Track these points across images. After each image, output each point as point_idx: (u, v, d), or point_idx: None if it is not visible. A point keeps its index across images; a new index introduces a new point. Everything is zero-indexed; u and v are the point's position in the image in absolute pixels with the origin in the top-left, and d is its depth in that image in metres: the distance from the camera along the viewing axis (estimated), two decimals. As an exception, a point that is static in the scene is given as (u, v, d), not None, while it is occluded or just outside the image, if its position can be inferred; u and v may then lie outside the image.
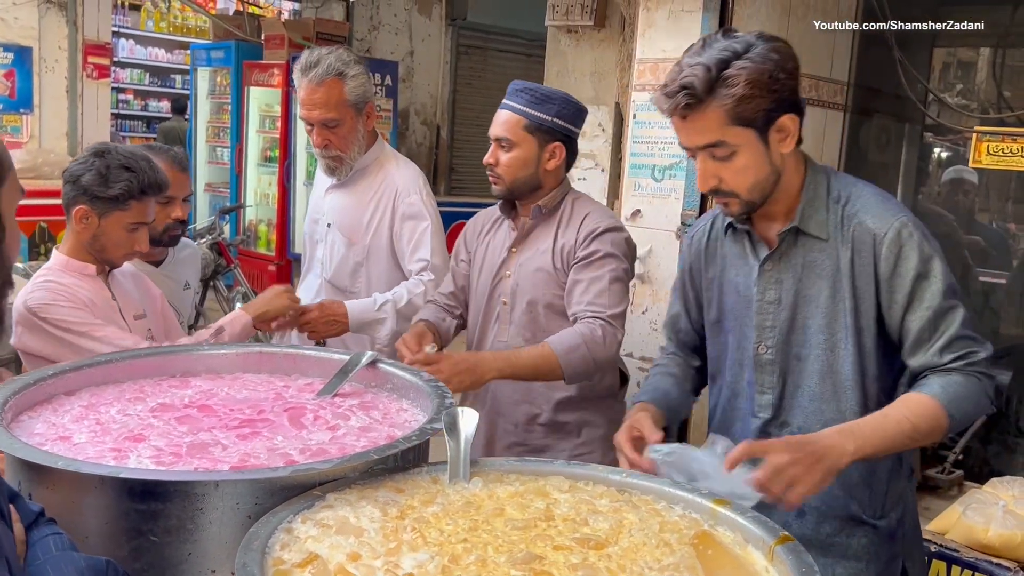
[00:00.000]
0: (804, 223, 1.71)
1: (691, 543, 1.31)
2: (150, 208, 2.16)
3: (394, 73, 8.44)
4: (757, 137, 1.63)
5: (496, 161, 2.36)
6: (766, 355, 1.78)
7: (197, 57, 9.40)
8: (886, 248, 1.65)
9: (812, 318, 1.73)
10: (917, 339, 1.65)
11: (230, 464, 1.51)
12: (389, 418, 1.80)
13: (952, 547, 2.54)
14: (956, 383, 1.61)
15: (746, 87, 1.57)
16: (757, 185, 1.67)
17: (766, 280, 1.76)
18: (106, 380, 1.89)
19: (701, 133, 1.62)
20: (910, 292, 1.64)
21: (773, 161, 1.66)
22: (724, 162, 1.64)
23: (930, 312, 1.63)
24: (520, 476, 1.54)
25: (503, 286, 2.41)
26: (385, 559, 1.23)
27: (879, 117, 4.13)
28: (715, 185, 1.68)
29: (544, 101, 2.29)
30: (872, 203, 1.70)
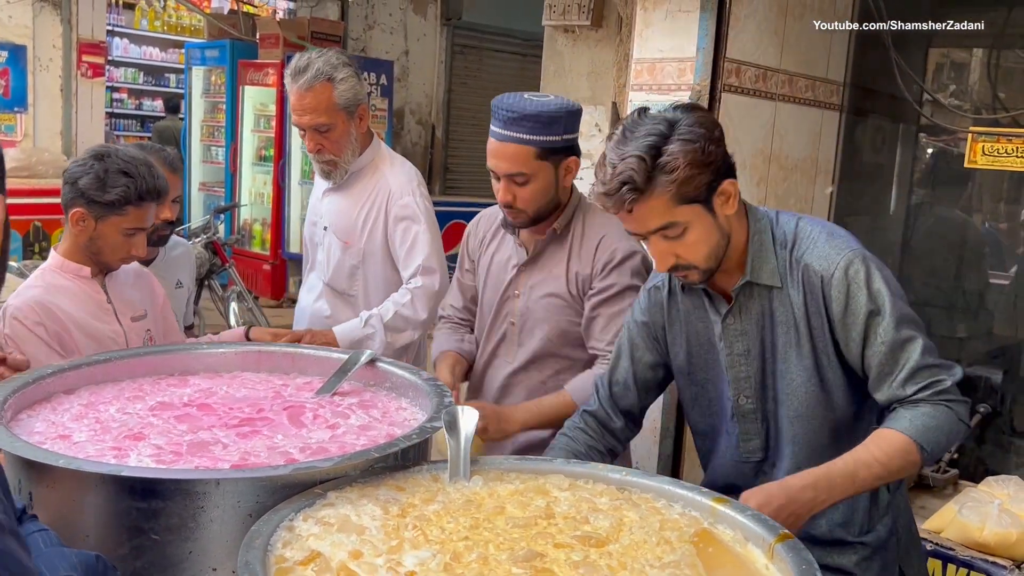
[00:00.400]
0: (755, 275, 1.72)
1: (691, 541, 1.32)
2: (148, 214, 2.14)
3: (389, 73, 8.44)
4: (704, 210, 1.64)
5: (514, 198, 2.14)
6: (747, 405, 1.79)
7: (192, 56, 9.38)
8: (834, 289, 1.66)
9: (781, 363, 1.74)
10: (879, 373, 1.66)
11: (231, 463, 1.51)
12: (388, 416, 1.81)
13: (948, 546, 2.54)
14: (924, 415, 1.61)
15: (685, 169, 1.58)
16: (712, 253, 1.68)
17: (731, 334, 1.77)
18: (105, 379, 1.89)
19: (649, 220, 1.63)
20: (864, 329, 1.65)
21: (721, 227, 1.68)
22: (677, 240, 1.65)
23: (885, 347, 1.64)
24: (520, 474, 1.54)
25: (510, 306, 2.30)
26: (387, 557, 1.23)
27: (875, 117, 4.14)
28: (673, 263, 1.69)
29: (551, 123, 2.10)
30: (817, 243, 1.70)
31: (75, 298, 2.16)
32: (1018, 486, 2.67)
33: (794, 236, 1.72)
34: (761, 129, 3.45)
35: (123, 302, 2.24)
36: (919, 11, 3.51)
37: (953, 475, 3.00)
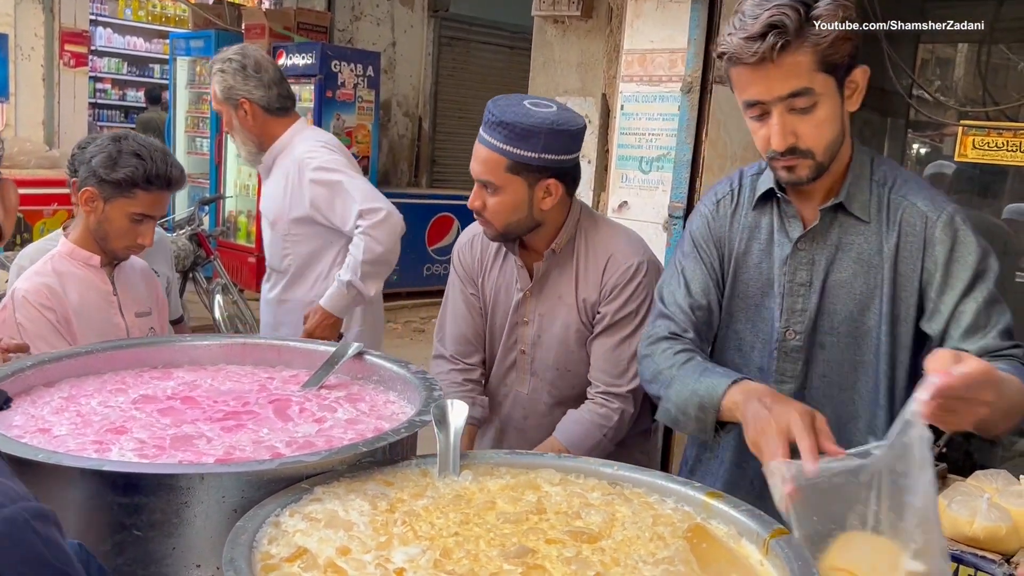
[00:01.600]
0: (849, 201, 1.60)
1: (685, 536, 1.30)
2: (158, 201, 2.13)
3: (376, 64, 8.38)
4: (837, 89, 1.50)
5: (483, 205, 2.03)
6: (794, 341, 1.66)
7: (176, 46, 9.30)
8: (939, 231, 1.56)
9: (841, 303, 1.62)
10: (971, 324, 1.54)
11: (215, 457, 1.48)
12: (376, 410, 1.78)
13: (937, 539, 2.54)
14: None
15: (842, 26, 1.45)
16: (832, 144, 1.53)
17: (798, 260, 1.64)
18: (87, 371, 1.85)
19: (787, 79, 1.46)
20: (971, 278, 1.55)
21: (844, 120, 1.54)
22: (803, 115, 1.49)
23: (985, 301, 1.55)
24: (511, 469, 1.52)
25: (520, 333, 2.17)
26: (376, 553, 1.20)
27: (865, 111, 4.14)
28: (792, 143, 1.51)
29: (526, 136, 1.91)
30: (921, 187, 1.61)
31: (81, 286, 2.16)
32: (1007, 480, 2.66)
33: (895, 178, 1.61)
34: (751, 121, 3.44)
35: (129, 296, 2.23)
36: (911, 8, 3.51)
37: (942, 469, 2.99)
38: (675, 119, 3.06)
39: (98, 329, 2.12)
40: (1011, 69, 4.42)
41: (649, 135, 3.18)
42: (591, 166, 3.46)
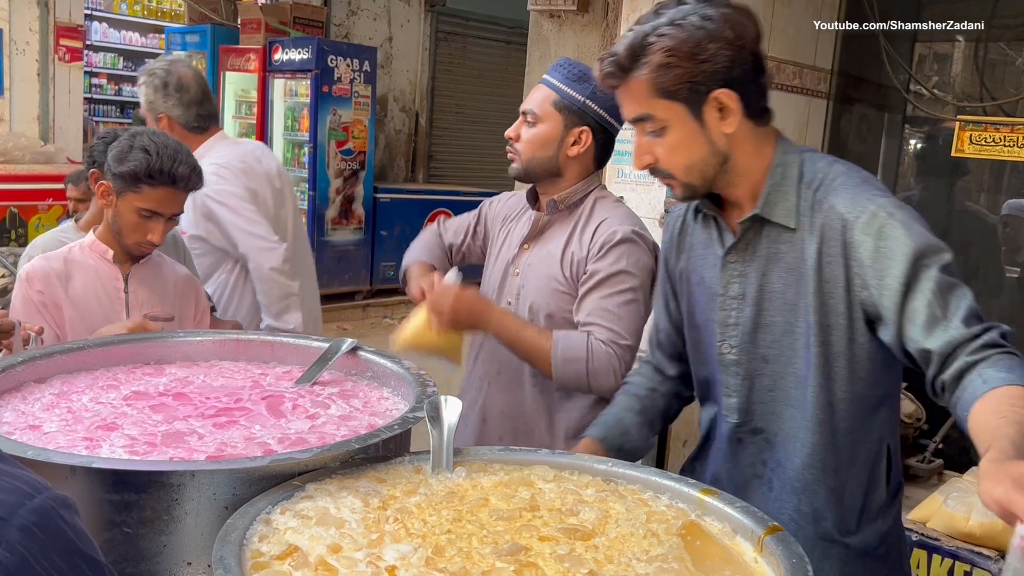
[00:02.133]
0: (768, 210, 1.56)
1: (679, 534, 1.29)
2: (166, 199, 2.12)
3: (372, 59, 8.36)
4: (687, 113, 1.50)
5: (517, 136, 2.16)
6: (730, 355, 1.64)
7: (172, 41, 9.27)
8: (858, 232, 1.47)
9: (778, 315, 1.58)
10: (928, 318, 1.41)
11: (206, 454, 1.47)
12: (370, 407, 1.77)
13: (933, 536, 2.54)
14: (1016, 365, 1.34)
15: (662, 55, 1.46)
16: (694, 166, 1.55)
17: (729, 273, 1.62)
18: (78, 368, 1.84)
19: (630, 105, 1.54)
20: (907, 271, 1.43)
21: (713, 141, 1.53)
22: (656, 138, 1.54)
23: (936, 288, 1.41)
24: (504, 465, 1.51)
25: (510, 284, 2.24)
26: (367, 551, 1.19)
27: (862, 106, 4.13)
28: (649, 162, 1.57)
29: (580, 79, 2.10)
30: (847, 185, 1.52)
31: (90, 277, 2.20)
32: (1003, 476, 2.66)
33: (823, 177, 1.54)
34: (748, 116, 3.43)
35: (143, 297, 2.23)
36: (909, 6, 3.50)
37: (938, 465, 3.00)
38: (671, 114, 3.05)
39: (94, 322, 2.12)
40: (1008, 65, 4.42)
41: (645, 130, 3.15)
42: (587, 161, 3.44)
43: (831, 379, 1.56)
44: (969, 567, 2.47)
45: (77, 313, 2.11)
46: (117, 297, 2.20)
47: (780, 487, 1.65)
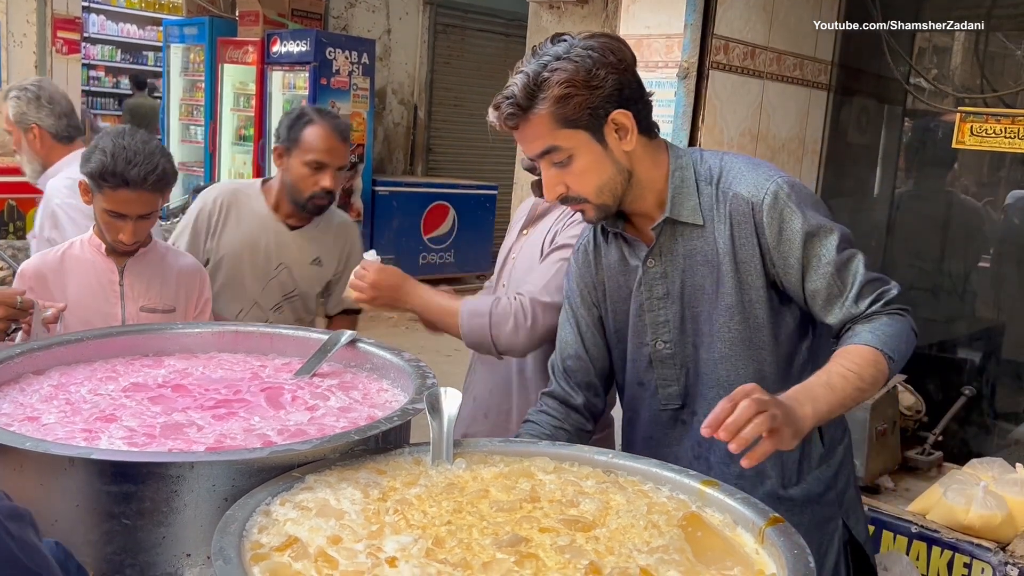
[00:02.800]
0: (676, 211, 1.66)
1: (679, 525, 1.29)
2: (128, 201, 2.09)
3: (371, 51, 8.33)
4: (591, 138, 1.59)
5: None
6: (665, 350, 1.74)
7: (170, 33, 9.24)
8: (766, 215, 1.61)
9: (701, 306, 1.69)
10: (828, 296, 1.61)
11: (206, 445, 1.46)
12: (369, 398, 1.77)
13: (932, 528, 2.54)
14: (884, 324, 1.57)
15: (561, 87, 1.54)
16: (604, 187, 1.63)
17: (651, 277, 1.71)
18: (77, 359, 1.84)
19: (534, 140, 1.60)
20: (803, 254, 1.60)
21: (617, 160, 1.62)
22: (564, 168, 1.61)
23: (831, 267, 1.59)
24: (504, 457, 1.50)
25: (507, 269, 2.27)
26: (367, 542, 1.19)
27: (862, 97, 4.12)
28: (562, 192, 1.64)
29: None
30: (744, 172, 1.65)
31: (85, 271, 2.21)
32: (1003, 468, 2.66)
33: (719, 170, 1.67)
34: (748, 108, 3.42)
35: (139, 289, 2.22)
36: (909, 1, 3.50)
37: (937, 457, 2.99)
38: (671, 105, 3.04)
39: (90, 316, 2.12)
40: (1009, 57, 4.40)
41: (644, 121, 3.14)
42: (587, 153, 3.43)
43: (757, 348, 1.68)
44: (968, 559, 2.47)
45: (72, 308, 2.10)
46: (112, 290, 2.19)
47: (718, 461, 1.73)
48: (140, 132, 2.17)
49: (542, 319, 2.01)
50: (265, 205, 2.67)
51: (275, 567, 1.11)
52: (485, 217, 9.44)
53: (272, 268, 2.65)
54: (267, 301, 2.67)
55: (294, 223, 2.67)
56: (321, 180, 2.56)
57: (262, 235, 2.65)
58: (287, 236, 2.67)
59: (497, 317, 2.01)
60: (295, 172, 2.58)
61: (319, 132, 2.56)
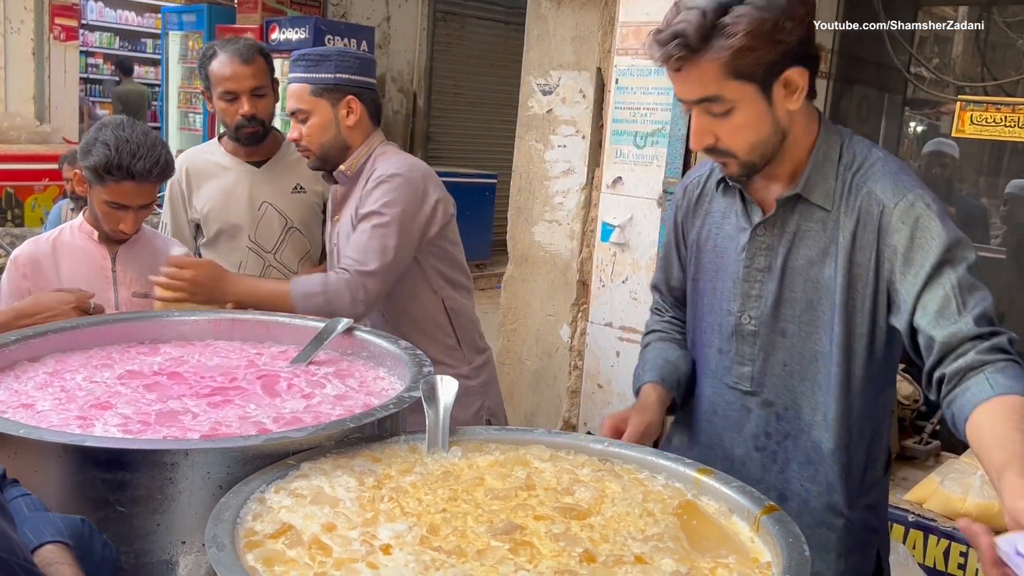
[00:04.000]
0: (808, 190, 1.55)
1: (675, 513, 1.28)
2: (131, 193, 2.11)
3: (370, 39, 8.30)
4: (759, 92, 1.46)
5: (300, 135, 2.30)
6: (749, 325, 1.64)
7: (168, 20, 9.20)
8: (896, 219, 1.48)
9: (800, 291, 1.58)
10: (940, 309, 1.43)
11: (200, 433, 1.46)
12: (365, 386, 1.76)
13: (929, 517, 2.54)
14: (1017, 374, 1.35)
15: (745, 38, 1.40)
16: (758, 145, 1.51)
17: (756, 246, 1.61)
18: (72, 347, 1.83)
19: (696, 86, 1.46)
20: (936, 264, 1.44)
21: (778, 119, 1.50)
22: (721, 118, 1.48)
23: (956, 284, 1.43)
24: (500, 445, 1.50)
25: (334, 255, 2.39)
26: (361, 530, 1.19)
27: (862, 86, 4.10)
28: (711, 143, 1.52)
29: (320, 62, 2.27)
30: (887, 172, 1.52)
31: (78, 258, 2.21)
32: (1000, 457, 2.66)
33: (863, 161, 1.54)
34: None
35: (132, 275, 2.22)
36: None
37: (935, 446, 3.00)
38: (670, 93, 3.01)
39: None
40: (1009, 46, 4.39)
41: (644, 109, 3.14)
42: (585, 141, 3.42)
43: (851, 359, 1.57)
44: (965, 548, 2.47)
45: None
46: (104, 276, 2.20)
47: (786, 460, 1.66)
48: (139, 124, 2.17)
49: (372, 287, 2.19)
50: (225, 154, 2.71)
51: (269, 554, 1.11)
52: (485, 206, 9.42)
53: (256, 208, 2.65)
54: (265, 243, 2.66)
55: (258, 159, 2.69)
56: (239, 108, 2.57)
57: (232, 181, 2.66)
58: (257, 174, 2.67)
59: (332, 295, 2.16)
60: (218, 108, 2.62)
61: (221, 61, 2.58)
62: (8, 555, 0.80)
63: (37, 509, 1.17)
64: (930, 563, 2.50)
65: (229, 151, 2.69)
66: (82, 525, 1.16)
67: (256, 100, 2.58)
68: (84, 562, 1.09)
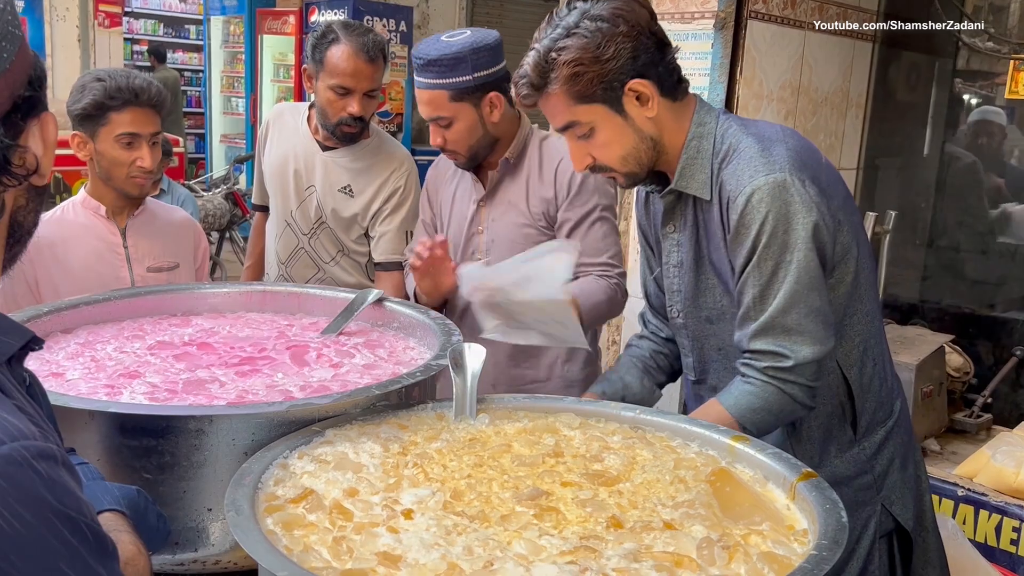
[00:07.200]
0: (683, 183, 1.60)
1: (707, 480, 1.24)
2: (139, 120, 2.05)
3: (409, 19, 8.27)
4: (609, 110, 1.54)
5: (444, 140, 2.17)
6: (678, 319, 1.72)
7: (210, 6, 9.28)
8: (733, 212, 1.53)
9: (710, 278, 1.65)
10: (744, 313, 1.55)
11: (226, 400, 1.45)
12: (395, 356, 1.74)
13: (980, 491, 2.46)
14: (750, 393, 1.52)
15: (573, 66, 1.50)
16: (629, 157, 1.59)
17: (670, 244, 1.69)
18: (105, 319, 1.84)
19: (554, 116, 1.58)
20: (746, 261, 1.52)
21: (640, 129, 1.56)
22: (587, 140, 1.58)
23: (757, 289, 1.52)
24: (529, 413, 1.47)
25: (476, 242, 2.25)
26: (384, 495, 1.17)
27: (910, 51, 3.96)
28: (589, 163, 1.61)
29: (455, 65, 2.08)
30: (742, 161, 1.54)
31: (85, 235, 2.14)
32: (1055, 430, 2.57)
33: (728, 148, 1.58)
34: (789, 59, 3.30)
35: (143, 249, 2.18)
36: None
37: (986, 420, 2.90)
38: (708, 58, 2.94)
39: (101, 280, 2.07)
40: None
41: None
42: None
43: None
44: (1018, 523, 2.39)
45: (75, 277, 2.06)
46: (116, 253, 2.14)
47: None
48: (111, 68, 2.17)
49: (623, 281, 2.19)
50: (305, 124, 2.61)
51: (288, 518, 1.09)
52: (525, 185, 9.36)
53: (303, 189, 2.57)
54: (303, 224, 2.58)
55: (329, 144, 2.57)
56: (348, 106, 2.42)
57: (296, 153, 2.58)
58: (318, 157, 2.56)
59: (613, 303, 2.15)
60: (322, 97, 2.46)
61: (344, 52, 2.39)
62: (77, 514, 0.80)
63: (95, 478, 1.17)
64: (980, 538, 2.42)
65: (312, 126, 2.60)
66: (138, 496, 1.16)
67: (368, 101, 2.45)
68: (140, 532, 1.08)
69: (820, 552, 1.02)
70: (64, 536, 0.77)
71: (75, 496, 0.80)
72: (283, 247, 2.61)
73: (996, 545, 2.41)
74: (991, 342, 3.34)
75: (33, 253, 2.05)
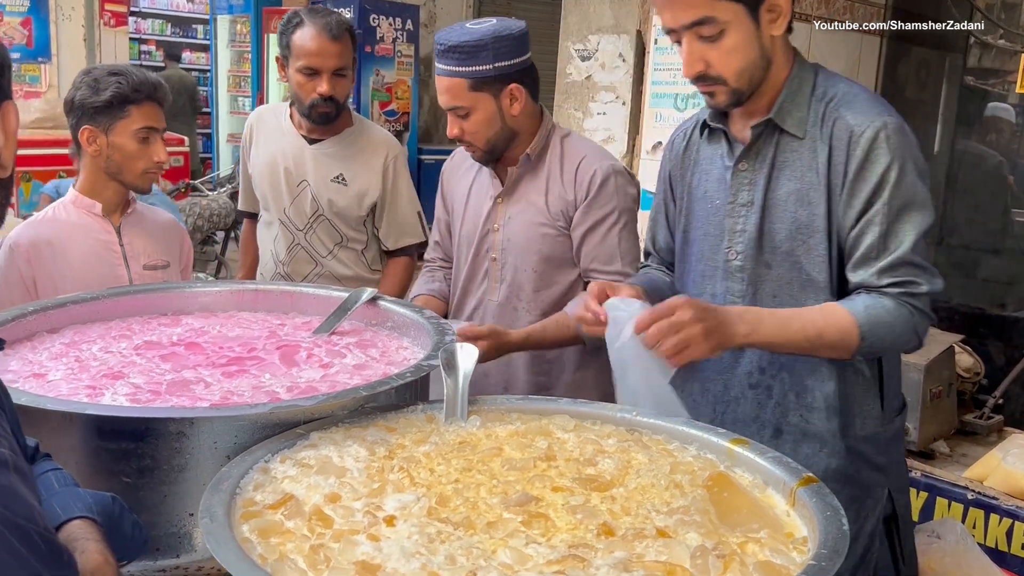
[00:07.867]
0: (781, 117, 1.58)
1: (704, 485, 1.20)
2: (154, 113, 2.07)
3: (415, 17, 8.23)
4: (747, 14, 1.50)
5: (461, 131, 2.09)
6: (736, 261, 1.66)
7: (217, 5, 9.25)
8: (859, 147, 1.52)
9: (782, 222, 1.61)
10: (864, 256, 1.53)
11: (210, 402, 1.41)
12: (387, 356, 1.70)
13: (991, 495, 2.40)
14: (882, 307, 1.50)
15: None
16: (746, 70, 1.54)
17: (739, 181, 1.65)
18: (92, 318, 1.81)
19: (688, 8, 1.51)
20: (868, 198, 1.52)
21: (763, 44, 1.54)
22: (711, 43, 1.52)
23: (879, 229, 1.51)
24: (522, 415, 1.43)
25: (491, 240, 2.18)
26: (367, 500, 1.13)
27: (919, 46, 3.90)
28: (702, 70, 1.55)
29: (476, 52, 2.01)
30: (858, 101, 1.56)
31: (80, 235, 2.10)
32: (1068, 432, 2.51)
33: (836, 92, 1.58)
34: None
35: (138, 247, 2.15)
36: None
37: (998, 421, 2.84)
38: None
39: (100, 279, 2.04)
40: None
41: (685, 72, 3.02)
42: (625, 107, 3.31)
43: (843, 283, 1.59)
44: (1030, 527, 2.33)
45: (75, 276, 2.03)
46: (113, 252, 2.11)
47: (782, 392, 1.66)
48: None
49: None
50: (288, 121, 2.60)
51: (265, 525, 1.05)
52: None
53: (295, 185, 2.55)
54: (298, 220, 2.56)
55: (314, 136, 2.56)
56: (317, 86, 2.42)
57: (282, 151, 2.57)
58: (306, 151, 2.55)
59: None
60: (293, 81, 2.46)
61: (308, 34, 2.40)
62: (27, 522, 0.76)
63: (67, 484, 1.13)
64: (991, 543, 2.36)
65: (295, 122, 2.60)
66: (112, 503, 1.12)
67: (337, 80, 2.45)
68: (112, 540, 1.04)
69: (819, 562, 0.97)
70: (12, 545, 0.73)
71: (25, 503, 0.76)
72: (280, 246, 2.58)
73: (1007, 550, 2.35)
74: (1002, 342, 3.27)
75: (30, 254, 2.02)
